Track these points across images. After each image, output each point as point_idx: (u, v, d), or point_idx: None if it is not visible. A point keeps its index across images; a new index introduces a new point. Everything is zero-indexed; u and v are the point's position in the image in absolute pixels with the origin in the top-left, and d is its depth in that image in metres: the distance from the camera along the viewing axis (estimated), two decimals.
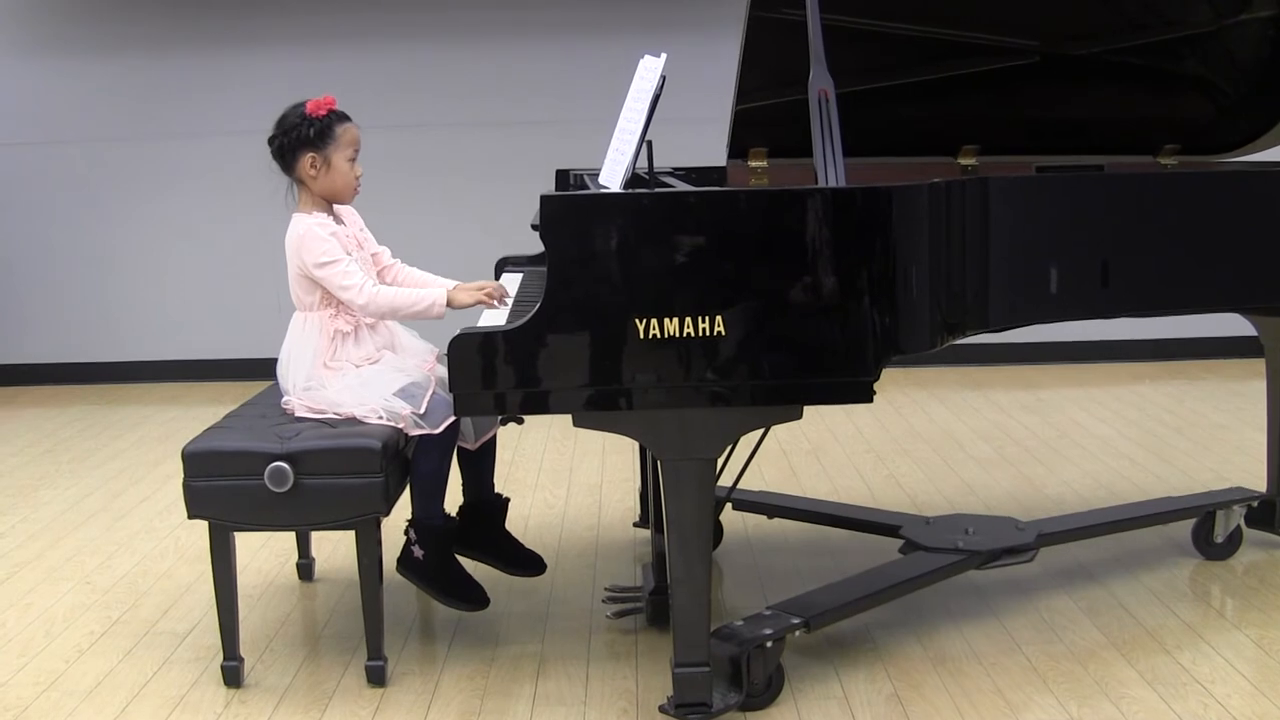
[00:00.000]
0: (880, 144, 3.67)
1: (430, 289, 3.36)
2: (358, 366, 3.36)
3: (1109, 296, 3.30)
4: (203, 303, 6.82)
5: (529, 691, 3.17)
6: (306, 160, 3.34)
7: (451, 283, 3.48)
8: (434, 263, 3.62)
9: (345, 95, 3.44)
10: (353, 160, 3.38)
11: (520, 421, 3.64)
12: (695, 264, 2.75)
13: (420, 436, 3.26)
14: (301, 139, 3.33)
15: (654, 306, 2.75)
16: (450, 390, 2.84)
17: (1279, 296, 3.54)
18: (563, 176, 3.99)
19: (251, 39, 6.60)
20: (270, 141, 3.38)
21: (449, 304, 3.30)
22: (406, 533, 3.34)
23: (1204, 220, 3.39)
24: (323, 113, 3.35)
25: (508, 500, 3.65)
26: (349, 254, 3.34)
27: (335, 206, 3.43)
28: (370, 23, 6.58)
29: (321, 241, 3.30)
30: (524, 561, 3.62)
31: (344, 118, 3.38)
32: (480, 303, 3.31)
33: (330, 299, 3.35)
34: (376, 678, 3.21)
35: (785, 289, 2.77)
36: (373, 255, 3.52)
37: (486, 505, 3.62)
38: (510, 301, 3.38)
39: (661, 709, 2.95)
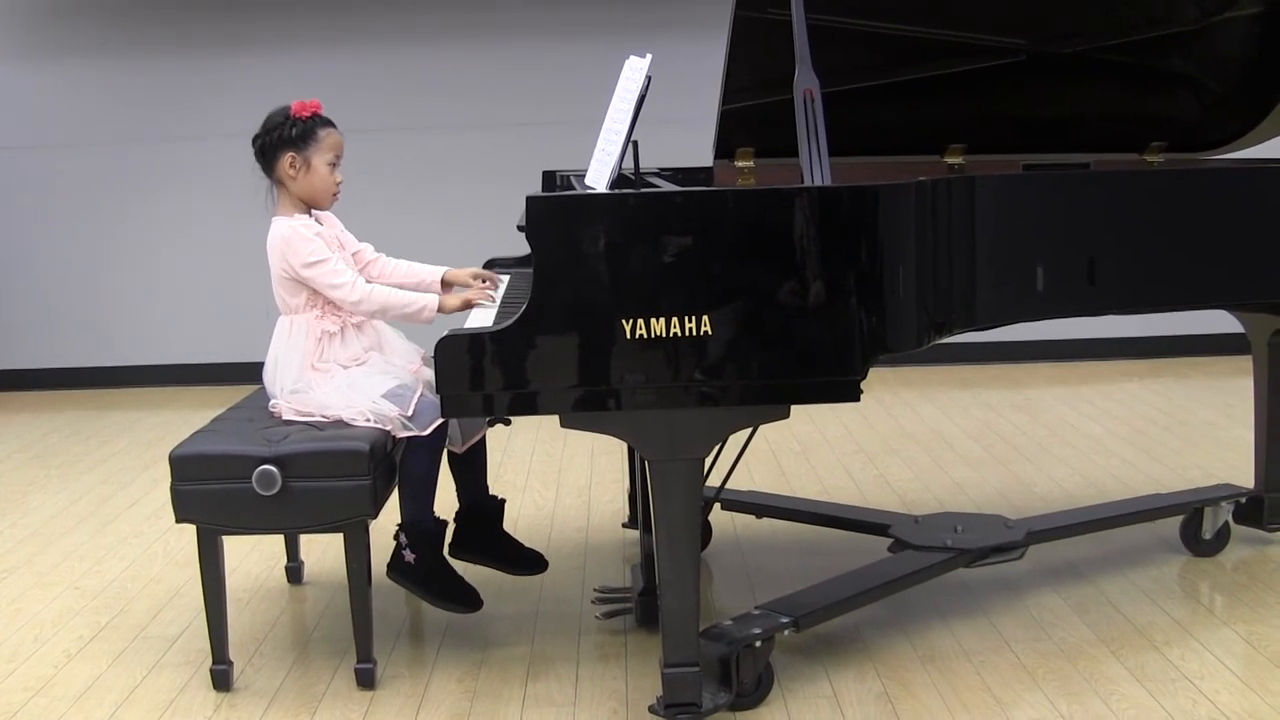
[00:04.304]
0: (867, 143, 3.68)
1: (421, 294, 3.36)
2: (345, 368, 3.36)
3: (1096, 294, 3.31)
4: (191, 307, 6.81)
5: (519, 693, 3.17)
6: (286, 160, 3.34)
7: (441, 269, 3.50)
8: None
9: (334, 98, 3.44)
10: (333, 166, 3.38)
11: (507, 423, 3.64)
12: (682, 264, 2.75)
13: (408, 439, 3.25)
14: (283, 138, 3.34)
15: (641, 307, 2.74)
16: (437, 391, 2.84)
17: (1266, 293, 3.55)
18: (549, 177, 3.99)
19: (239, 42, 6.59)
20: (253, 141, 3.39)
21: (439, 309, 3.31)
22: (396, 537, 3.32)
23: (1191, 218, 3.39)
24: (307, 114, 3.36)
25: (503, 501, 3.64)
26: (333, 254, 3.34)
27: (314, 211, 3.43)
28: (358, 27, 6.57)
29: (307, 242, 3.30)
30: (526, 560, 3.62)
31: (328, 123, 3.39)
32: (470, 304, 3.32)
33: (316, 300, 3.34)
34: (366, 680, 3.21)
35: (772, 288, 2.77)
36: (354, 254, 3.52)
37: (482, 508, 3.61)
38: (501, 290, 3.38)
39: (651, 709, 2.94)
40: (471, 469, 3.59)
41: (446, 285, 3.51)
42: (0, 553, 4.30)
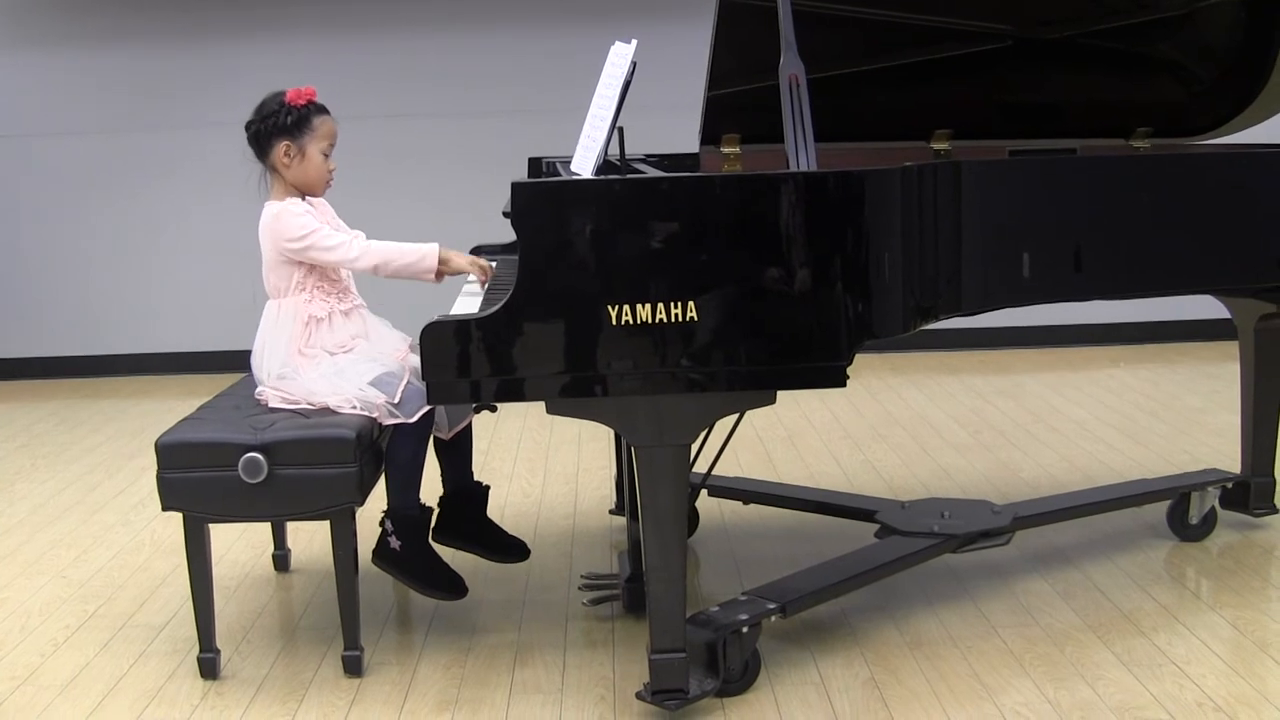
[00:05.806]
0: (853, 129, 3.68)
1: (420, 245, 3.33)
2: (332, 354, 3.35)
3: (1083, 280, 3.31)
4: (178, 296, 6.79)
5: (506, 680, 3.17)
6: (281, 148, 3.33)
7: (434, 245, 3.48)
8: None
9: (322, 85, 3.44)
10: (327, 154, 3.38)
11: (493, 409, 3.64)
12: (668, 250, 2.75)
13: (395, 426, 3.25)
14: (278, 126, 3.33)
15: (627, 293, 2.74)
16: (424, 379, 2.83)
17: (1253, 278, 3.56)
18: (535, 164, 3.99)
19: (228, 31, 6.57)
20: (247, 127, 3.38)
21: (441, 262, 3.29)
22: (382, 524, 3.33)
23: (1177, 203, 3.40)
24: (302, 102, 3.35)
25: (488, 488, 3.64)
26: (323, 224, 3.34)
27: (306, 197, 3.42)
28: (347, 13, 6.55)
29: (297, 218, 3.30)
30: (508, 548, 3.62)
31: (323, 110, 3.38)
32: (471, 269, 3.31)
33: (305, 284, 3.34)
34: (353, 668, 3.21)
35: (758, 274, 2.77)
36: None
37: (466, 494, 3.61)
38: (487, 284, 3.39)
39: (638, 696, 2.95)
40: (457, 455, 3.59)
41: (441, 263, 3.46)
42: None
